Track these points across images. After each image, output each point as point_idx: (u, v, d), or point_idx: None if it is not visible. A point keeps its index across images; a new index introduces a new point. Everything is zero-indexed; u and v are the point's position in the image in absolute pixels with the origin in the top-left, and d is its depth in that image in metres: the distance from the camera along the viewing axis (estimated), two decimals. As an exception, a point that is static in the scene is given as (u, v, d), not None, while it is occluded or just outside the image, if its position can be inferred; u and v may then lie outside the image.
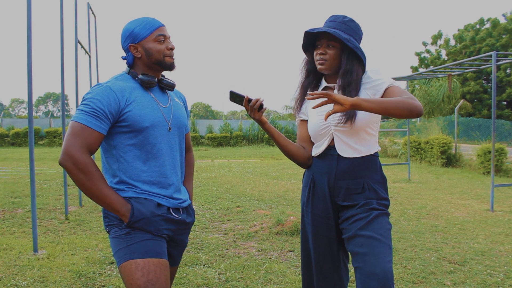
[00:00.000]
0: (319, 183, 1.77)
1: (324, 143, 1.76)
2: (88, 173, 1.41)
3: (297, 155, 1.83)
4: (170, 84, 1.66)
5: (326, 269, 1.78)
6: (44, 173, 8.63)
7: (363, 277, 1.54)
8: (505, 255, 3.63)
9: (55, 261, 3.35)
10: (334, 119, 1.71)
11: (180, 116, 1.68)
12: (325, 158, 1.76)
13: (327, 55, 1.71)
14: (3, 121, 23.06)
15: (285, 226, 4.31)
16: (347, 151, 1.71)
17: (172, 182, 1.61)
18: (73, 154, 1.39)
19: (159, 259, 1.47)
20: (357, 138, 1.71)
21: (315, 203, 1.78)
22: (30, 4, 3.53)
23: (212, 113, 69.58)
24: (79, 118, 1.44)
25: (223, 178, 8.70)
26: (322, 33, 1.72)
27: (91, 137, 1.43)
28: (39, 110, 75.89)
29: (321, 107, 1.72)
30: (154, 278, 1.42)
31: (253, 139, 22.12)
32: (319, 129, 1.76)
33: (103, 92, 1.48)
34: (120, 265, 1.45)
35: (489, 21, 27.62)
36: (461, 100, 15.76)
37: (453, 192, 7.01)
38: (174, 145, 1.64)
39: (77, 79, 5.51)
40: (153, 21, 1.59)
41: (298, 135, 1.91)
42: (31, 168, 3.71)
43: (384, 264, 1.53)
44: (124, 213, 1.47)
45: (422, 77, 12.37)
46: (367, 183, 1.70)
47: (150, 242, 1.48)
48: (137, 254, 1.44)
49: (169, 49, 1.59)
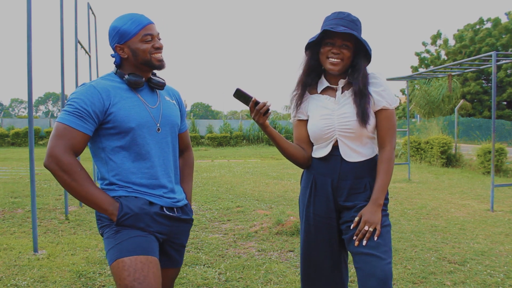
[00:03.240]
0: (321, 184, 1.75)
1: (327, 146, 1.73)
2: (73, 174, 1.38)
3: (298, 157, 1.79)
4: (160, 83, 1.62)
5: (328, 270, 1.77)
6: (44, 173, 8.63)
7: (363, 277, 1.56)
8: (505, 255, 3.63)
9: (55, 261, 3.34)
10: (340, 124, 1.69)
11: (171, 115, 1.64)
12: (329, 160, 1.74)
13: (342, 54, 1.65)
14: (3, 121, 23.06)
15: (285, 226, 4.31)
16: (351, 155, 1.70)
17: (163, 183, 1.57)
18: (56, 155, 1.37)
19: (147, 256, 1.42)
20: (360, 142, 1.71)
21: (317, 203, 1.76)
22: (30, 4, 3.53)
23: (212, 113, 69.56)
24: (62, 119, 1.42)
25: (223, 178, 8.69)
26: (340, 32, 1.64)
27: (75, 138, 1.41)
28: (39, 110, 75.87)
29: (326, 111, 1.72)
30: (141, 276, 1.37)
31: (253, 139, 22.11)
32: (323, 133, 1.72)
33: (87, 91, 1.45)
34: (110, 265, 1.43)
35: (489, 21, 27.58)
36: (461, 100, 15.75)
37: (453, 192, 7.01)
38: (165, 145, 1.60)
39: (77, 79, 5.51)
40: (140, 18, 1.53)
41: (296, 136, 1.85)
42: (31, 168, 3.71)
43: (384, 266, 1.55)
44: (112, 211, 1.44)
45: (422, 77, 12.38)
46: (369, 183, 1.71)
47: (138, 238, 1.44)
48: (125, 252, 1.40)
49: (155, 47, 1.53)
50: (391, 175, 1.68)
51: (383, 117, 1.70)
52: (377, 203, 1.64)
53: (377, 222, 1.61)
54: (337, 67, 1.66)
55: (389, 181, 1.67)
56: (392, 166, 1.68)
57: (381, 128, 1.70)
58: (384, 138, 1.70)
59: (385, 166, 1.67)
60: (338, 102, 1.72)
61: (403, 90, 28.76)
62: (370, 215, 1.62)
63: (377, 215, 1.62)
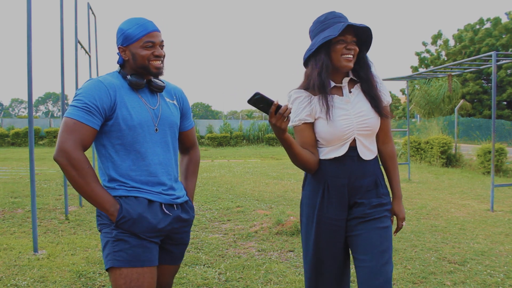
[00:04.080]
0: (335, 186, 1.69)
1: (344, 146, 1.68)
2: (81, 170, 1.42)
3: (310, 162, 1.70)
4: (159, 86, 1.64)
5: (336, 272, 1.75)
6: (44, 173, 8.63)
7: (364, 276, 1.56)
8: (505, 255, 3.63)
9: (55, 261, 3.35)
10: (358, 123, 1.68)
11: (170, 115, 1.66)
12: (344, 161, 1.69)
13: (354, 50, 1.65)
14: (3, 121, 23.05)
15: (285, 226, 4.31)
16: (367, 154, 1.71)
17: (163, 181, 1.60)
18: (67, 150, 1.40)
19: (143, 268, 1.50)
20: (372, 140, 1.74)
21: (330, 207, 1.70)
22: (30, 4, 3.53)
23: (212, 113, 69.56)
24: (72, 114, 1.44)
25: (223, 178, 8.70)
26: (348, 28, 1.64)
27: (84, 133, 1.44)
28: (39, 110, 75.88)
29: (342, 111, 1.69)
30: (136, 286, 1.47)
31: (253, 139, 22.10)
32: (342, 134, 1.67)
33: (95, 86, 1.48)
34: (107, 268, 1.51)
35: (489, 21, 27.59)
36: (461, 100, 15.75)
37: (453, 192, 7.01)
38: (164, 145, 1.63)
39: (77, 79, 5.51)
40: (146, 24, 1.55)
41: (302, 139, 1.73)
42: (31, 168, 3.71)
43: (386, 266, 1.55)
44: (112, 212, 1.49)
45: (422, 77, 12.38)
46: (378, 180, 1.74)
47: (136, 249, 1.50)
48: (122, 262, 1.48)
49: (155, 55, 1.55)
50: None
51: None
52: (401, 197, 1.82)
53: (405, 215, 1.84)
54: (351, 62, 1.66)
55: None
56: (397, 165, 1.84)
57: (383, 125, 1.75)
58: (387, 134, 1.78)
59: (395, 160, 1.81)
60: (351, 100, 1.71)
61: (403, 90, 28.75)
62: (401, 211, 1.80)
63: (403, 209, 1.83)
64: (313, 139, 1.72)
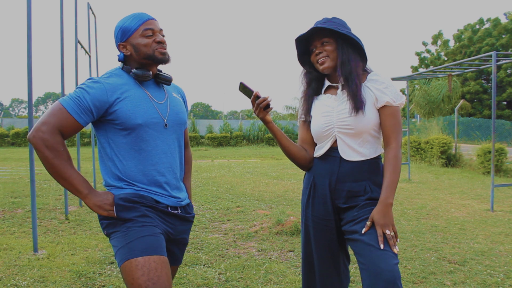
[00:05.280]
0: (320, 185, 1.73)
1: (326, 145, 1.72)
2: (55, 152, 1.40)
3: (299, 157, 1.78)
4: (167, 78, 1.62)
5: (327, 271, 1.77)
6: (44, 173, 8.63)
7: (369, 277, 1.50)
8: (505, 255, 3.63)
9: (55, 261, 3.34)
10: (338, 120, 1.67)
11: (178, 112, 1.64)
12: (327, 160, 1.72)
13: (325, 52, 1.67)
14: (3, 121, 23.03)
15: (285, 226, 4.31)
16: (350, 154, 1.67)
17: (169, 180, 1.58)
18: (43, 131, 1.40)
19: (160, 256, 1.41)
20: (361, 141, 1.67)
21: (316, 205, 1.75)
22: (30, 4, 3.53)
23: (212, 113, 69.55)
24: (63, 100, 1.45)
25: (223, 178, 8.69)
26: (314, 35, 1.69)
27: (66, 121, 1.43)
28: (39, 110, 75.86)
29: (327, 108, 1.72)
30: (155, 276, 1.36)
31: (253, 139, 22.11)
32: (322, 131, 1.71)
33: (94, 85, 1.47)
34: (121, 265, 1.40)
35: (488, 21, 27.59)
36: (461, 100, 15.75)
37: (453, 192, 7.01)
38: (171, 142, 1.60)
39: (77, 79, 5.51)
40: (140, 14, 1.54)
41: (300, 137, 1.86)
42: (31, 168, 3.71)
43: (392, 266, 1.48)
44: (86, 195, 1.45)
45: (422, 77, 12.37)
46: (369, 186, 1.66)
47: (149, 238, 1.43)
48: (137, 252, 1.38)
49: (157, 42, 1.53)
50: (399, 174, 1.62)
51: (387, 114, 1.66)
52: (386, 202, 1.56)
53: (390, 223, 1.55)
54: (325, 64, 1.68)
55: (398, 180, 1.61)
56: (399, 164, 1.63)
57: (386, 126, 1.66)
58: (389, 136, 1.66)
59: (392, 164, 1.61)
60: (338, 99, 1.71)
61: (403, 90, 28.71)
62: (381, 217, 1.55)
63: (389, 216, 1.55)
64: (309, 137, 1.82)
